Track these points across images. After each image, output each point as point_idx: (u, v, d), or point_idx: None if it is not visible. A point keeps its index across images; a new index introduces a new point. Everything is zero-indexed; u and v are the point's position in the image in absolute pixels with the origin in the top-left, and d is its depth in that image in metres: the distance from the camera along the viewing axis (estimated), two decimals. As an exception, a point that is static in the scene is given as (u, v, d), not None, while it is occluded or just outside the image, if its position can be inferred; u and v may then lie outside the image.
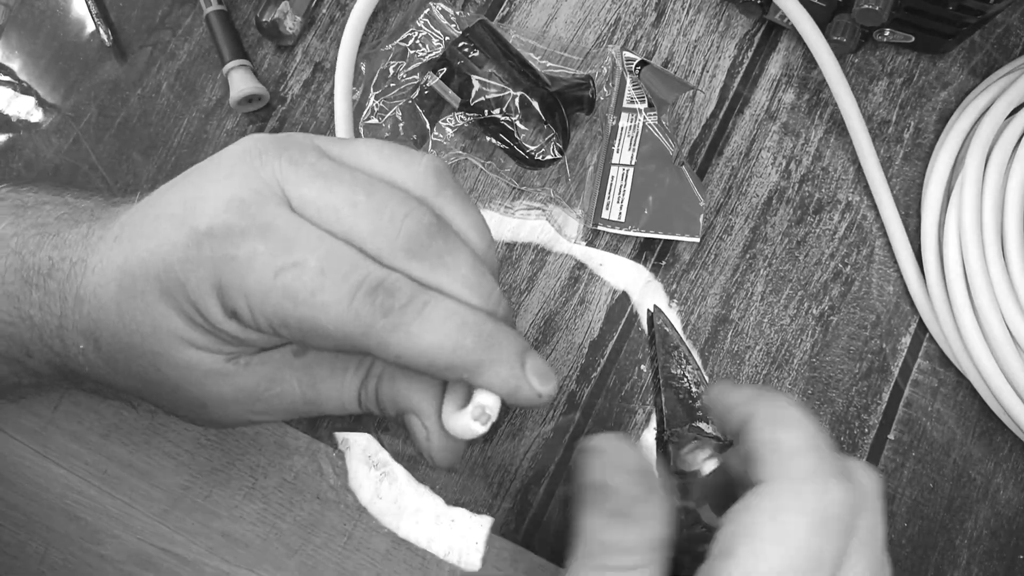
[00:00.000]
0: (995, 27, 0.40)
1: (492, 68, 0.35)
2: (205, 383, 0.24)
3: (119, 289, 0.23)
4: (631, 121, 0.37)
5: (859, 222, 0.38)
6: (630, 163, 0.36)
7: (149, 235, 0.23)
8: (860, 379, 0.37)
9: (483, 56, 0.35)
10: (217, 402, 0.24)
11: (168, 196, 0.24)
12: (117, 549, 0.34)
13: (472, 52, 0.35)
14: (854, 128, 0.37)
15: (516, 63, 0.36)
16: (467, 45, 0.36)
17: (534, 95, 0.35)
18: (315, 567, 0.34)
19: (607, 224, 0.36)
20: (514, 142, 0.36)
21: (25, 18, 0.40)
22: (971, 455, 0.36)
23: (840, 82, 0.36)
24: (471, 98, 0.35)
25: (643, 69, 0.37)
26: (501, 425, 0.36)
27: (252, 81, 0.38)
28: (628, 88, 0.37)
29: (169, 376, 0.23)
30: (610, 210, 0.36)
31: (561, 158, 0.36)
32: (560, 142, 0.36)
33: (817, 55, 0.36)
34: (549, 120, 0.35)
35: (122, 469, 0.35)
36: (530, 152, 0.36)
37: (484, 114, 0.35)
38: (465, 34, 0.36)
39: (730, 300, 0.37)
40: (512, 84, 0.35)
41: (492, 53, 0.36)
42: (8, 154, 0.39)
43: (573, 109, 0.37)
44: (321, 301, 0.21)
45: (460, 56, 0.36)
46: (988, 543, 0.35)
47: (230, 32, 0.39)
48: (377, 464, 0.35)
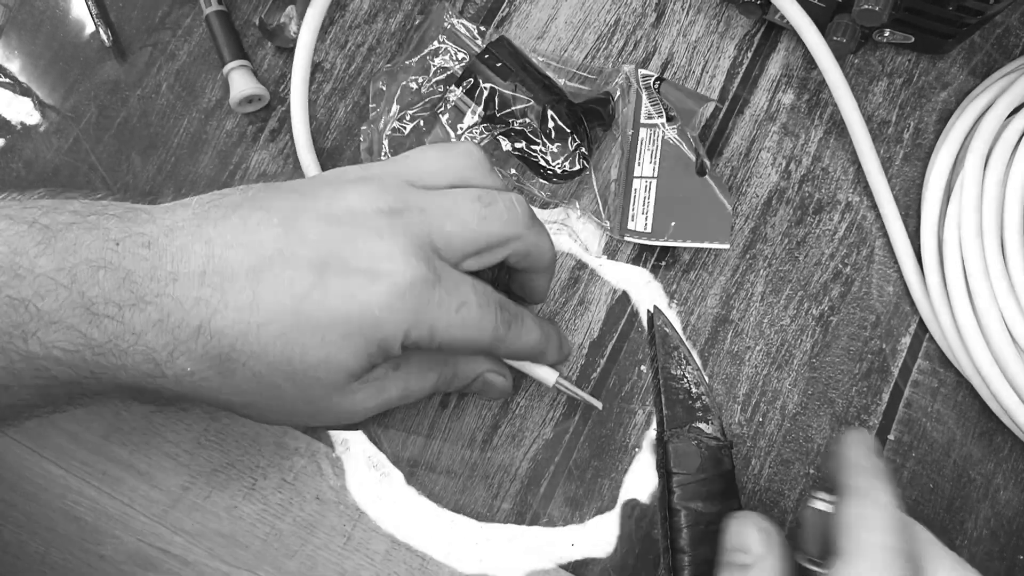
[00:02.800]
0: (995, 27, 0.40)
1: (517, 81, 0.35)
2: (337, 398, 0.29)
3: (291, 328, 0.26)
4: (650, 135, 0.37)
5: (859, 222, 0.38)
6: (652, 175, 0.36)
7: (332, 287, 0.27)
8: (860, 379, 0.37)
9: (507, 68, 0.36)
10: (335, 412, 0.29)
11: (336, 248, 0.27)
12: (117, 550, 0.34)
13: (496, 64, 0.36)
14: (854, 128, 0.37)
15: (539, 77, 0.36)
16: (492, 57, 0.36)
17: (558, 108, 0.35)
18: (315, 568, 0.34)
19: (634, 235, 0.36)
20: (538, 154, 0.36)
21: (25, 18, 0.40)
22: (971, 455, 0.36)
23: (840, 82, 0.36)
24: (496, 110, 0.35)
25: (662, 84, 0.37)
26: (501, 426, 0.36)
27: (252, 81, 0.38)
28: (645, 103, 0.37)
29: (311, 396, 0.28)
30: (635, 221, 0.36)
31: (587, 169, 0.36)
32: (586, 151, 0.36)
33: (816, 56, 0.36)
34: (574, 131, 0.35)
35: (122, 470, 0.35)
36: (556, 165, 0.36)
37: (509, 126, 0.36)
38: (489, 48, 0.36)
39: (730, 300, 0.37)
40: (536, 97, 0.35)
41: (515, 67, 0.36)
42: (8, 154, 0.39)
43: (593, 124, 0.37)
44: (481, 326, 0.29)
45: (485, 69, 0.36)
46: (988, 543, 0.35)
47: (230, 33, 0.39)
48: (377, 465, 0.35)
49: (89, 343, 0.25)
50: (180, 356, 0.26)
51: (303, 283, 0.27)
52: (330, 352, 0.27)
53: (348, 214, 0.28)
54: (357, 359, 0.27)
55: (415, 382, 0.31)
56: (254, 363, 0.27)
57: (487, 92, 0.36)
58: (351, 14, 0.40)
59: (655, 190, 0.36)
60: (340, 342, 0.27)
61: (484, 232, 0.29)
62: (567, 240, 0.38)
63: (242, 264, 0.26)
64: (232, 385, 0.27)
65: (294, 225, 0.27)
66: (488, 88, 0.36)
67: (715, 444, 0.34)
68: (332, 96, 0.39)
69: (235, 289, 0.26)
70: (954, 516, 0.36)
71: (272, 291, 0.26)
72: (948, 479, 0.36)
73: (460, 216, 0.29)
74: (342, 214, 0.28)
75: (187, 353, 0.26)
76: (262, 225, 0.27)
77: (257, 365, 0.27)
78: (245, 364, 0.27)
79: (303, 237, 0.27)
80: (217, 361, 0.26)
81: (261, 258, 0.27)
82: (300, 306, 0.26)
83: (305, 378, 0.27)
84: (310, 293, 0.26)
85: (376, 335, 0.27)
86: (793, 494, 0.36)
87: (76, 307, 0.25)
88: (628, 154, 0.37)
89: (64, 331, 0.25)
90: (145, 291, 0.26)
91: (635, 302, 0.37)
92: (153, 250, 0.26)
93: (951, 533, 0.35)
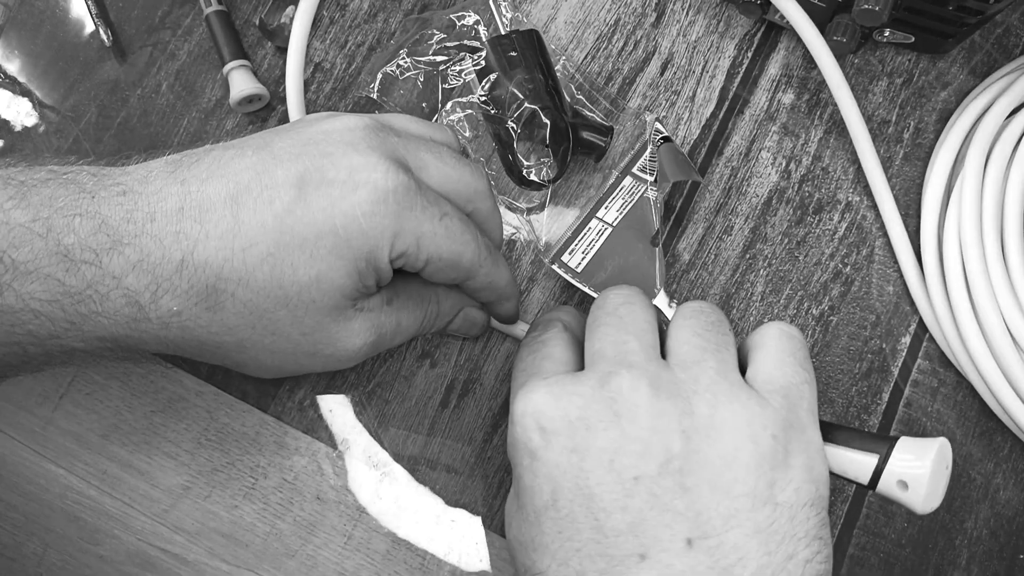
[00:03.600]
0: (995, 27, 0.40)
1: (523, 75, 0.35)
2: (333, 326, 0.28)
3: (276, 247, 0.26)
4: (632, 186, 0.37)
5: (859, 222, 0.38)
6: (612, 223, 0.36)
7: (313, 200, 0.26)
8: (860, 379, 0.37)
9: (519, 59, 0.35)
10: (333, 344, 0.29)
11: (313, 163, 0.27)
12: (116, 550, 0.34)
13: (511, 52, 0.35)
14: (854, 128, 0.37)
15: (548, 82, 0.36)
16: (509, 44, 0.36)
17: (549, 116, 0.35)
18: (315, 567, 0.34)
19: (563, 268, 0.35)
20: (510, 151, 0.35)
21: (25, 18, 0.40)
22: (971, 455, 0.36)
23: (840, 83, 0.36)
24: (489, 91, 0.35)
25: (663, 144, 0.37)
26: (501, 425, 0.36)
27: (252, 81, 0.38)
28: (645, 157, 0.37)
29: (306, 324, 0.28)
30: (572, 256, 0.36)
31: (546, 187, 0.36)
32: (553, 171, 0.36)
33: (816, 56, 0.36)
34: (552, 146, 0.35)
35: (122, 469, 0.35)
36: (521, 168, 0.36)
37: (496, 112, 0.35)
38: (511, 33, 0.36)
39: (730, 300, 0.37)
40: (533, 97, 0.35)
41: (529, 62, 0.35)
42: (8, 154, 0.39)
43: (584, 151, 0.37)
44: (464, 239, 0.29)
45: (497, 51, 0.35)
46: (988, 543, 0.35)
47: (230, 32, 0.39)
48: (377, 464, 0.35)
49: (67, 291, 0.25)
50: (164, 295, 0.26)
51: (283, 200, 0.26)
52: (320, 269, 0.27)
53: (322, 134, 0.28)
54: (348, 275, 0.27)
55: (406, 317, 0.31)
56: (243, 291, 0.26)
57: (489, 73, 0.35)
58: (351, 14, 0.40)
59: (606, 237, 0.36)
60: (328, 257, 0.27)
61: (455, 174, 0.30)
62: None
63: (219, 194, 0.26)
64: (221, 321, 0.27)
65: (268, 151, 0.27)
66: (491, 69, 0.35)
67: None
68: (332, 96, 0.39)
69: (215, 219, 0.26)
70: (954, 516, 0.36)
71: (253, 213, 0.26)
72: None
73: (435, 149, 0.30)
74: (316, 135, 0.28)
75: (171, 291, 0.26)
76: (235, 158, 0.27)
77: (246, 293, 0.26)
78: (234, 294, 0.26)
79: (278, 159, 0.27)
80: (204, 295, 0.26)
81: (238, 185, 0.27)
82: (283, 224, 0.26)
83: (299, 301, 0.27)
84: (292, 209, 0.26)
85: (363, 246, 0.27)
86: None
87: (52, 255, 0.25)
88: (603, 194, 0.37)
89: (41, 281, 0.25)
90: (122, 234, 0.26)
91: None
92: (128, 196, 0.26)
93: (951, 533, 0.35)
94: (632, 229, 0.36)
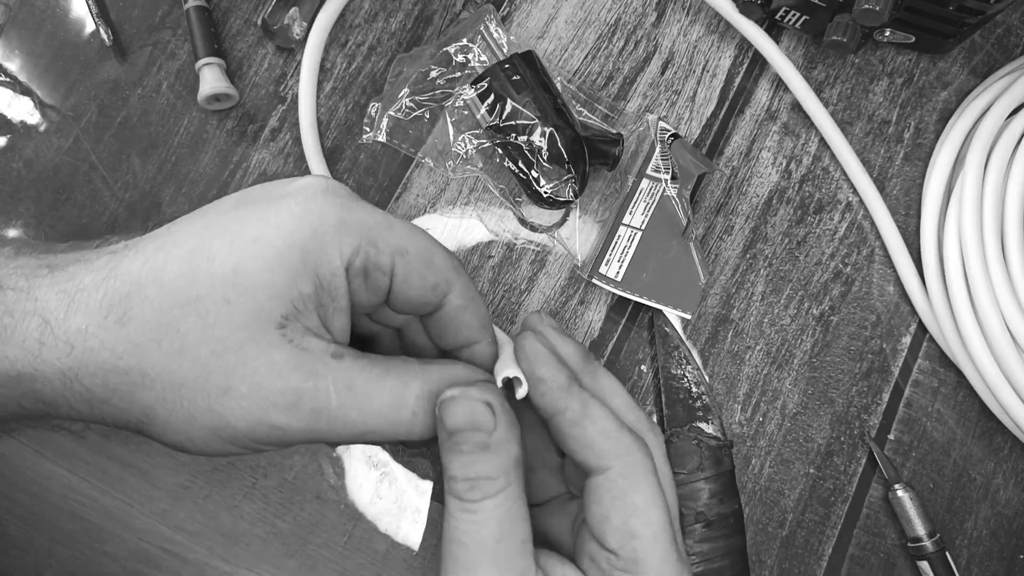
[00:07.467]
0: (995, 27, 0.40)
1: (529, 97, 0.35)
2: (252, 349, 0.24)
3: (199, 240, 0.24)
4: (651, 188, 0.37)
5: (859, 222, 0.38)
6: (640, 227, 0.36)
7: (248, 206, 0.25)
8: (860, 379, 0.37)
9: (523, 83, 0.35)
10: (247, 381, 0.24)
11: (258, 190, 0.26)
12: (119, 548, 0.34)
13: (514, 76, 0.35)
14: (837, 146, 0.37)
15: (553, 100, 0.36)
16: (512, 68, 0.36)
17: (563, 134, 0.35)
18: (315, 567, 0.34)
19: (603, 280, 0.36)
20: (531, 175, 0.36)
21: (25, 18, 0.40)
22: (971, 455, 0.36)
23: (811, 98, 0.37)
24: (501, 119, 0.35)
25: (674, 141, 0.37)
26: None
27: (222, 80, 0.38)
28: (656, 156, 0.37)
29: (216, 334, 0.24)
30: (609, 267, 0.36)
31: (574, 202, 0.36)
32: (577, 186, 0.36)
33: (783, 74, 0.36)
34: (571, 162, 0.35)
35: (122, 469, 0.35)
36: (545, 189, 0.36)
37: (510, 139, 0.35)
38: (512, 58, 0.36)
39: (730, 300, 0.37)
40: (544, 118, 0.35)
41: (533, 83, 0.35)
42: (8, 154, 0.39)
43: (597, 161, 0.37)
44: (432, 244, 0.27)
45: (501, 76, 0.35)
46: (988, 543, 0.35)
47: (207, 29, 0.39)
48: (377, 464, 0.35)
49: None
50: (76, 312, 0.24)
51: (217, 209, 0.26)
52: (240, 259, 0.24)
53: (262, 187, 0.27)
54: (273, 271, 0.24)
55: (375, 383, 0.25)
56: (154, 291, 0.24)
57: (496, 101, 0.36)
58: (351, 14, 0.40)
59: (638, 242, 0.36)
60: (253, 245, 0.24)
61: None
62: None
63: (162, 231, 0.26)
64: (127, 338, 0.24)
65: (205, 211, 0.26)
66: (499, 97, 0.36)
67: (715, 443, 0.34)
68: (332, 95, 0.39)
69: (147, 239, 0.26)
70: (954, 516, 0.36)
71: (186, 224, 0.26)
72: (948, 479, 0.36)
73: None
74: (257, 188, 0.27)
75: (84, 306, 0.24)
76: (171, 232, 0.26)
77: (158, 294, 0.24)
78: (146, 297, 0.24)
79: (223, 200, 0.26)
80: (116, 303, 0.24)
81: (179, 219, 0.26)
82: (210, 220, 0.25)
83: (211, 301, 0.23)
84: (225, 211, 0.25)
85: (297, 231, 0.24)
86: (793, 494, 0.36)
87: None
88: (624, 199, 0.37)
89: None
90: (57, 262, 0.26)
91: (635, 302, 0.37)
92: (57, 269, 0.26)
93: (951, 533, 0.35)
94: (662, 228, 0.36)
